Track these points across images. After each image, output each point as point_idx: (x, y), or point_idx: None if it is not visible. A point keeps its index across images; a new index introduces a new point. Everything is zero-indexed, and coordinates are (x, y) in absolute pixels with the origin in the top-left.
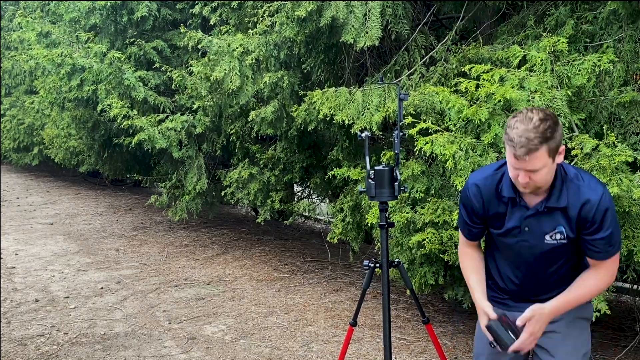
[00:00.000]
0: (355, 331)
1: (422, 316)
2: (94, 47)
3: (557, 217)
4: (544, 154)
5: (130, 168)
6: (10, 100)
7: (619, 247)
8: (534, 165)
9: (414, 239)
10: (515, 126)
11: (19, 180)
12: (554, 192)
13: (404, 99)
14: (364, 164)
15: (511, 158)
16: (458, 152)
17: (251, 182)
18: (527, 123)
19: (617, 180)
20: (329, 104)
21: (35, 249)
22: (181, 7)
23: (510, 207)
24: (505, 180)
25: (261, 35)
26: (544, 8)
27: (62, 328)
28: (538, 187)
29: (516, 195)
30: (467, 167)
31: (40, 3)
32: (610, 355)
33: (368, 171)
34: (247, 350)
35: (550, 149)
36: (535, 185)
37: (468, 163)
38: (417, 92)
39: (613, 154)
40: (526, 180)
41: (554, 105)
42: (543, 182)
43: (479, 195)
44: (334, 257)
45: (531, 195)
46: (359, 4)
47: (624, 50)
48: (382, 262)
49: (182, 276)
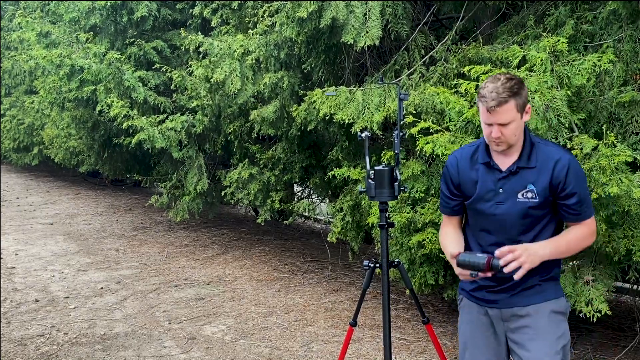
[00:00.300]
0: (355, 331)
1: (422, 316)
2: (93, 48)
3: (527, 176)
4: (513, 108)
5: (130, 168)
6: (10, 100)
7: (592, 210)
8: (505, 119)
9: (414, 239)
10: (486, 85)
11: (19, 180)
12: (524, 153)
13: (404, 98)
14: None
15: (484, 115)
16: None
17: (251, 182)
18: (496, 82)
19: (616, 181)
20: (329, 103)
21: (35, 249)
22: (181, 7)
23: (484, 172)
24: (480, 149)
25: (261, 35)
26: (544, 8)
27: (62, 328)
28: (509, 144)
29: (490, 159)
30: None
31: (40, 3)
32: (610, 355)
33: (368, 171)
34: (247, 350)
35: (518, 104)
36: (507, 142)
37: None
38: (417, 92)
39: (613, 154)
40: (498, 134)
41: (554, 105)
42: (513, 138)
43: (456, 164)
44: (334, 257)
45: (503, 159)
46: (359, 4)
47: (623, 50)
48: (382, 262)
49: (182, 276)
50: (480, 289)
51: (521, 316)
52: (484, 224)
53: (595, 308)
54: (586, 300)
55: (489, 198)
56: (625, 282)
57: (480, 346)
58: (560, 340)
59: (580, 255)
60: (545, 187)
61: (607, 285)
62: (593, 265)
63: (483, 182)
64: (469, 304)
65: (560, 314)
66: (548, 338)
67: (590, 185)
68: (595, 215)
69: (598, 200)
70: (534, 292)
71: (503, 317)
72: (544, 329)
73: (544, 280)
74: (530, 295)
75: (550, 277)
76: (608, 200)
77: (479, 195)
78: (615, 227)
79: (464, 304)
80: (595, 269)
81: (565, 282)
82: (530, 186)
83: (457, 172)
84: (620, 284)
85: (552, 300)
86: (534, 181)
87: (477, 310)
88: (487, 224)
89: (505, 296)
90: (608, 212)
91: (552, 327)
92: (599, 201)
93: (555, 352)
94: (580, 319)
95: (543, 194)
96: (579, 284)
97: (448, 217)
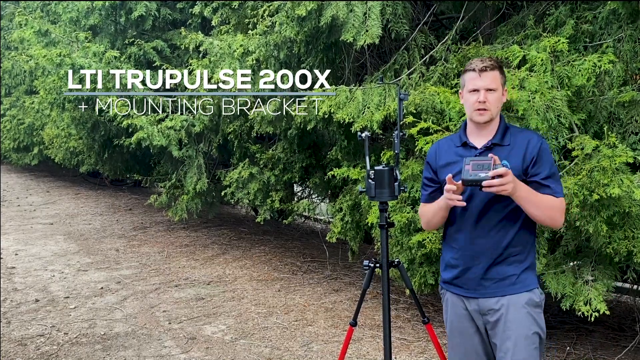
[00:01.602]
0: (355, 331)
1: (422, 316)
2: (92, 47)
3: (502, 153)
4: (498, 78)
5: (130, 168)
6: (10, 100)
7: (562, 191)
8: (492, 84)
9: (414, 239)
10: (473, 60)
11: (19, 180)
12: (499, 132)
13: (404, 98)
14: (364, 163)
15: (471, 82)
16: None
17: (251, 181)
18: (482, 57)
19: (618, 181)
20: (329, 103)
21: (35, 249)
22: (181, 7)
23: (461, 152)
24: (459, 133)
25: (261, 35)
26: (544, 8)
27: (62, 328)
28: (491, 115)
29: (466, 139)
30: None
31: (40, 3)
32: (610, 355)
33: (368, 171)
34: (247, 350)
35: (502, 78)
36: (490, 111)
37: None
38: (417, 92)
39: (614, 154)
40: (484, 99)
41: (554, 105)
42: (495, 109)
43: (435, 149)
44: (334, 257)
45: (479, 139)
46: (359, 3)
47: (623, 50)
48: (382, 262)
49: (182, 276)
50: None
51: (497, 310)
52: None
53: (594, 308)
54: (585, 299)
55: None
56: (625, 282)
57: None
58: (534, 336)
59: (581, 256)
60: (518, 162)
61: (607, 286)
62: (593, 266)
63: (458, 161)
64: (452, 298)
65: (537, 306)
66: (524, 333)
67: (591, 186)
68: (596, 216)
69: (599, 202)
70: (509, 283)
71: (481, 310)
72: (520, 324)
73: (521, 271)
74: (506, 286)
75: (526, 267)
76: (609, 201)
77: (457, 173)
78: (616, 229)
79: (446, 298)
80: (595, 269)
81: (565, 281)
82: (504, 162)
83: (435, 157)
84: (620, 284)
85: (527, 292)
86: (508, 157)
87: (459, 305)
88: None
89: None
90: (609, 213)
91: (528, 321)
92: (600, 202)
93: (533, 348)
94: (580, 319)
95: (516, 169)
96: (579, 283)
97: (424, 204)
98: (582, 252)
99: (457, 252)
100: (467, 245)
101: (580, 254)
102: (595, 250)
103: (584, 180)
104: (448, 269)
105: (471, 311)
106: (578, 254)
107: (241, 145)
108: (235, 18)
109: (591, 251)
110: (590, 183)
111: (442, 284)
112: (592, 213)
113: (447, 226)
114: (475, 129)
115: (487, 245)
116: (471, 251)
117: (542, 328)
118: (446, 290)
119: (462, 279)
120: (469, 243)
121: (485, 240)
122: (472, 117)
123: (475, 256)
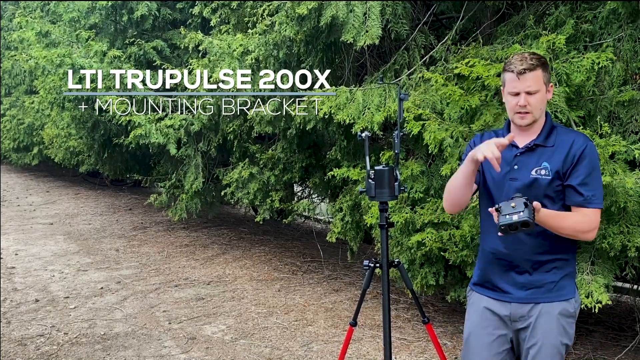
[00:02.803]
0: (355, 331)
1: (422, 316)
2: (94, 46)
3: (544, 154)
4: (540, 77)
5: (130, 168)
6: (10, 100)
7: (601, 203)
8: (533, 86)
9: (413, 239)
10: (513, 57)
11: (19, 180)
12: (543, 132)
13: (404, 99)
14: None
15: (511, 84)
16: (447, 139)
17: (251, 181)
18: (523, 54)
19: (610, 170)
20: (329, 104)
21: (35, 249)
22: (181, 6)
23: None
24: (502, 130)
25: (261, 35)
26: (544, 8)
27: (62, 328)
28: (534, 117)
29: None
30: (455, 155)
31: (40, 3)
32: (610, 355)
33: (368, 171)
34: (247, 350)
35: (545, 76)
36: (532, 113)
37: (456, 151)
38: (417, 92)
39: (607, 144)
40: (525, 102)
41: (552, 100)
42: (538, 111)
43: (480, 136)
44: (334, 257)
45: (522, 138)
46: (359, 3)
47: (623, 49)
48: (382, 262)
49: (182, 276)
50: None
51: (529, 317)
52: (495, 202)
53: (595, 299)
54: (586, 292)
55: (504, 172)
56: (625, 282)
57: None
58: (562, 346)
59: (580, 252)
60: (559, 164)
61: (608, 280)
62: (592, 261)
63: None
64: (480, 300)
65: (570, 316)
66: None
67: None
68: None
69: None
70: (546, 290)
71: (512, 317)
72: (549, 333)
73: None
74: (542, 293)
75: (565, 274)
76: (604, 191)
77: (493, 171)
78: (611, 223)
79: (473, 300)
80: (594, 264)
81: None
82: (545, 164)
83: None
84: (620, 284)
85: (562, 302)
86: (549, 159)
87: (487, 307)
88: (499, 198)
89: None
90: (605, 204)
91: (557, 331)
92: None
93: (559, 357)
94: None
95: (556, 171)
96: (579, 278)
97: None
98: (580, 248)
99: (493, 254)
100: (504, 249)
101: (579, 250)
102: (594, 246)
103: None
104: (481, 270)
105: (502, 316)
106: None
107: (241, 145)
108: (235, 18)
109: (590, 247)
110: None
111: (471, 285)
112: None
113: (485, 230)
114: (518, 128)
115: (526, 249)
116: (507, 255)
117: (570, 338)
118: (474, 291)
119: (495, 282)
120: (506, 247)
121: (523, 245)
122: (513, 120)
123: (514, 261)
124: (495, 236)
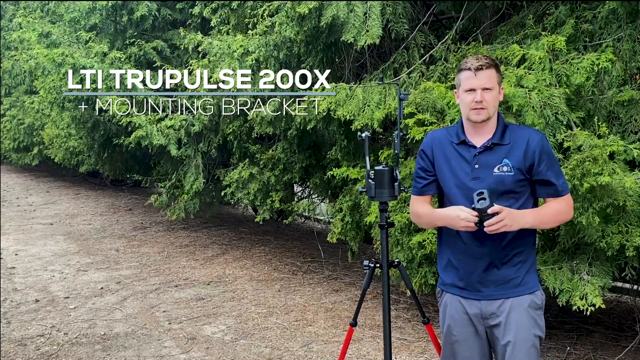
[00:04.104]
0: (355, 331)
1: (422, 316)
2: (95, 47)
3: (502, 152)
4: (495, 76)
5: (130, 168)
6: (10, 100)
7: (568, 186)
8: (488, 83)
9: (414, 239)
10: (468, 58)
11: (19, 180)
12: (498, 131)
13: (404, 98)
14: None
15: (467, 81)
16: None
17: (251, 182)
18: (477, 55)
19: (609, 170)
20: (329, 100)
21: (35, 249)
22: (181, 7)
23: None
24: (456, 131)
25: (261, 35)
26: (543, 8)
27: (62, 328)
28: (488, 114)
29: (465, 138)
30: None
31: (40, 3)
32: (610, 355)
33: (368, 171)
34: (247, 350)
35: (498, 76)
36: (487, 110)
37: None
38: (417, 91)
39: (605, 144)
40: (481, 98)
41: (552, 102)
42: (492, 108)
43: (431, 138)
44: (334, 257)
45: (477, 138)
46: (360, 3)
47: (623, 49)
48: (382, 262)
49: (182, 276)
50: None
51: (499, 313)
52: (460, 203)
53: (589, 302)
54: (581, 294)
55: (464, 174)
56: (625, 282)
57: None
58: (535, 338)
59: (578, 253)
60: (519, 160)
61: (604, 282)
62: (589, 262)
63: (457, 159)
64: (451, 300)
65: (539, 308)
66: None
67: (578, 172)
68: (588, 207)
69: (591, 192)
70: (513, 286)
71: (483, 314)
72: (522, 326)
73: (525, 272)
74: (509, 288)
75: (529, 268)
76: (602, 192)
77: (454, 172)
78: (609, 222)
79: (445, 300)
80: (591, 265)
81: (563, 277)
82: (505, 160)
83: (431, 147)
84: (620, 284)
85: (529, 295)
86: (508, 156)
87: (458, 308)
88: (463, 202)
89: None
90: (602, 205)
91: (529, 324)
92: (592, 193)
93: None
94: (580, 319)
95: (517, 167)
96: (575, 279)
97: (416, 197)
98: (579, 250)
99: (458, 253)
100: (468, 247)
101: (578, 252)
102: (592, 247)
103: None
104: (448, 270)
105: (471, 315)
106: (576, 252)
107: (241, 146)
108: (235, 18)
109: (588, 248)
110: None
111: (441, 286)
112: (584, 204)
113: (447, 231)
114: (473, 128)
115: (489, 246)
116: (473, 252)
117: (542, 329)
118: (445, 292)
119: (464, 281)
120: (470, 244)
121: (487, 242)
122: (468, 117)
123: (478, 257)
124: (461, 234)
